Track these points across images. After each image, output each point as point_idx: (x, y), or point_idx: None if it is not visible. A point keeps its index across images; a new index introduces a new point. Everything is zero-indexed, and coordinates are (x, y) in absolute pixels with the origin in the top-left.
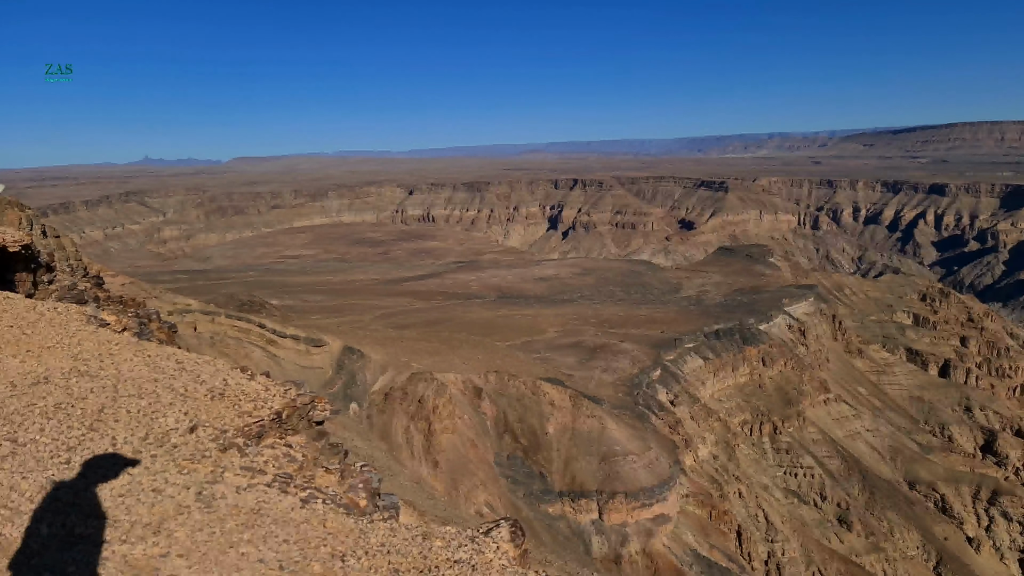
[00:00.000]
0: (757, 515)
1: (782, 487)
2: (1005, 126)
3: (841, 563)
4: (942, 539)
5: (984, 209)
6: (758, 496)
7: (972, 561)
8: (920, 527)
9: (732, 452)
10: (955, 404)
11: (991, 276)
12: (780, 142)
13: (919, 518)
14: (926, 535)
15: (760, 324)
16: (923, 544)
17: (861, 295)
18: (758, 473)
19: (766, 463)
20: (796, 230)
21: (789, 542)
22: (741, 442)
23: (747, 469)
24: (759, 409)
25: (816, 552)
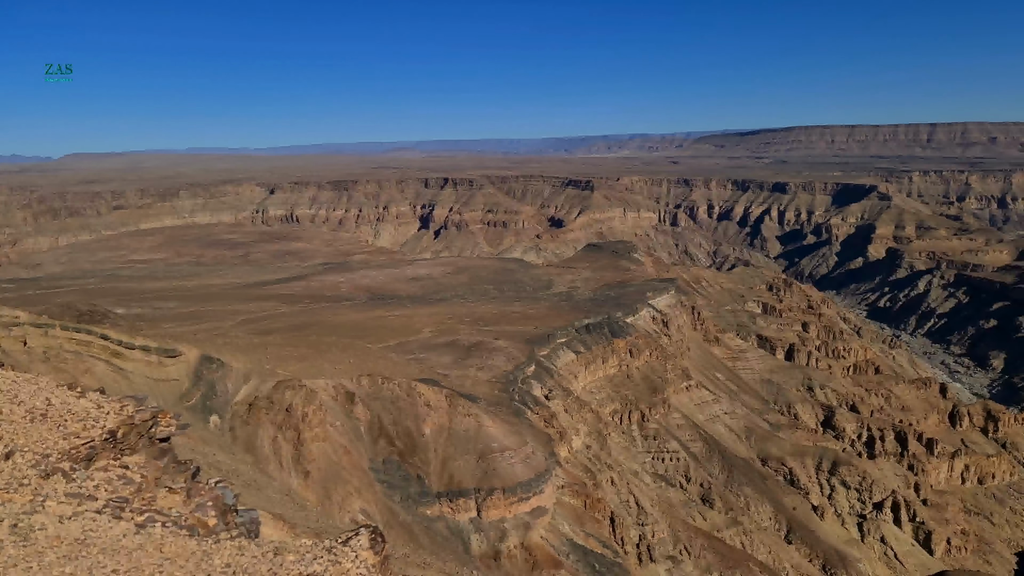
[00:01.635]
0: (629, 500)
1: (651, 472)
2: (835, 130)
3: (705, 539)
4: (791, 509)
5: (819, 205)
6: (629, 482)
7: (817, 527)
8: (772, 500)
9: (604, 441)
10: (799, 384)
11: (826, 266)
12: (641, 142)
13: (771, 491)
14: (777, 506)
15: (627, 317)
16: (775, 515)
17: (717, 287)
18: (628, 460)
19: (635, 450)
20: (657, 227)
21: (658, 524)
22: (612, 431)
23: (618, 457)
24: (628, 398)
25: (682, 531)
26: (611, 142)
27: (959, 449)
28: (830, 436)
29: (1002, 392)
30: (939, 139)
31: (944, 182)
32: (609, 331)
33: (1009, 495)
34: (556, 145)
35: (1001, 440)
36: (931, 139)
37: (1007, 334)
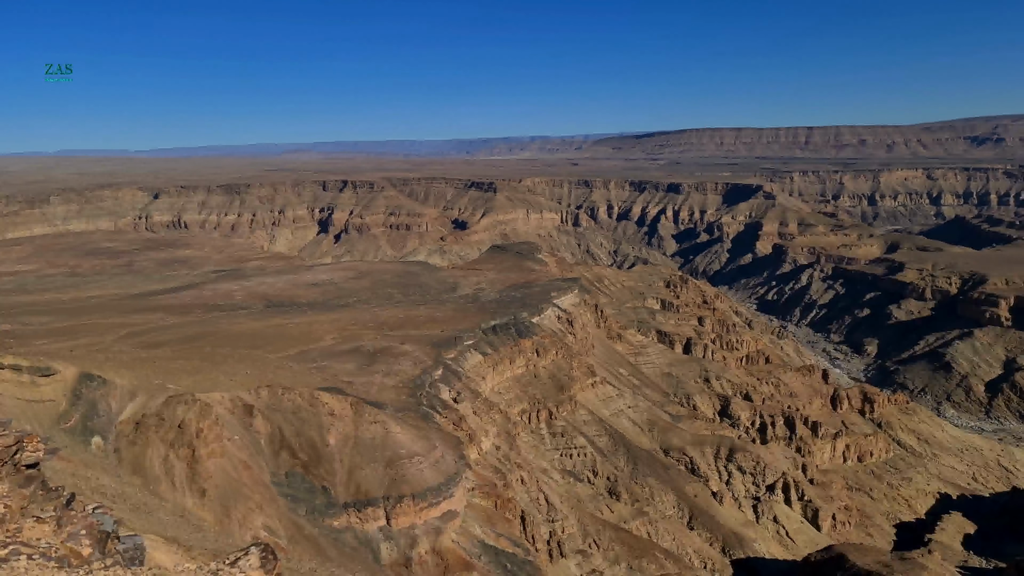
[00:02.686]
0: (538, 498)
1: (559, 468)
2: (723, 132)
3: (612, 531)
4: (693, 496)
5: (711, 205)
6: (539, 480)
7: (717, 512)
8: (675, 488)
9: (513, 441)
10: (697, 376)
11: (719, 263)
12: (542, 144)
13: (674, 480)
14: (680, 495)
15: (533, 317)
16: (678, 503)
17: (618, 285)
18: (538, 458)
19: (544, 448)
20: (560, 227)
21: (567, 519)
22: (521, 430)
23: (528, 455)
24: (536, 397)
25: (591, 524)
26: (512, 144)
27: (840, 430)
28: (727, 424)
29: (876, 375)
30: (816, 141)
31: (821, 181)
32: (516, 331)
33: (886, 471)
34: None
35: (877, 420)
36: (808, 141)
37: (879, 322)
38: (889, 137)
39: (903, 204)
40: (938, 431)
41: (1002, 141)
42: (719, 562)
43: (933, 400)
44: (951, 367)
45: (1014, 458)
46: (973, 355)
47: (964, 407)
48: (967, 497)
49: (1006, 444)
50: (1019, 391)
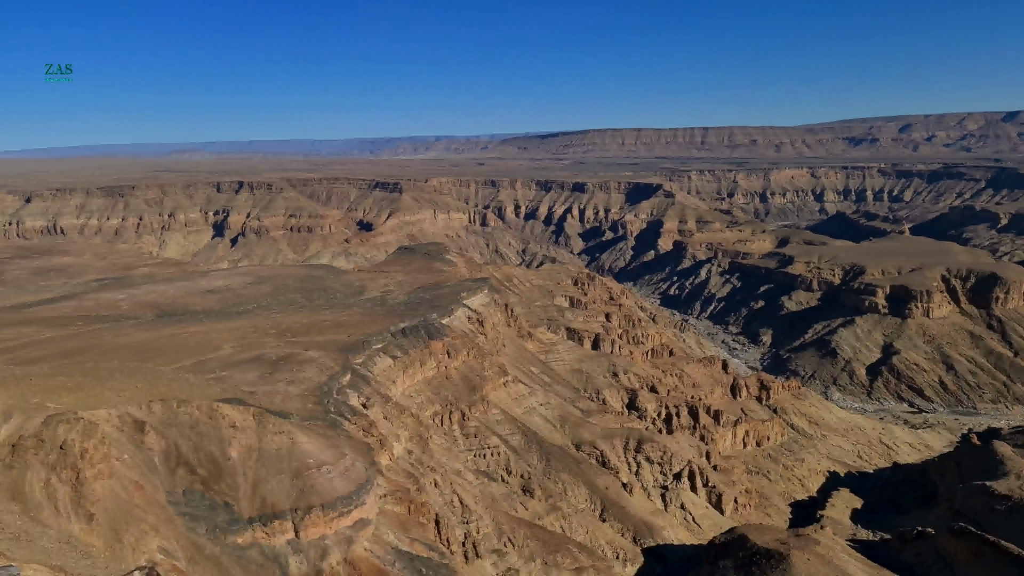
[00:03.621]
0: (453, 500)
1: (473, 469)
2: (625, 133)
3: (527, 528)
4: (604, 489)
5: (614, 203)
6: (453, 482)
7: (628, 503)
8: (587, 482)
9: (426, 444)
10: (606, 371)
11: (623, 260)
12: (447, 144)
13: (585, 474)
14: (592, 488)
15: (443, 318)
16: (590, 496)
17: (527, 284)
18: (451, 460)
19: (458, 449)
20: (468, 227)
21: (482, 519)
22: (434, 433)
23: (441, 458)
24: (448, 399)
25: (506, 523)
26: (417, 143)
27: (740, 417)
28: (635, 417)
29: (771, 363)
30: (711, 141)
31: (717, 180)
32: (426, 333)
33: (781, 454)
34: (360, 146)
35: (772, 406)
36: (704, 141)
37: (773, 312)
38: (777, 138)
39: (791, 201)
40: (827, 413)
41: (876, 141)
42: (630, 551)
43: (821, 384)
44: (836, 353)
45: (894, 436)
46: (855, 341)
47: (849, 390)
48: (854, 474)
49: (886, 423)
50: (896, 373)
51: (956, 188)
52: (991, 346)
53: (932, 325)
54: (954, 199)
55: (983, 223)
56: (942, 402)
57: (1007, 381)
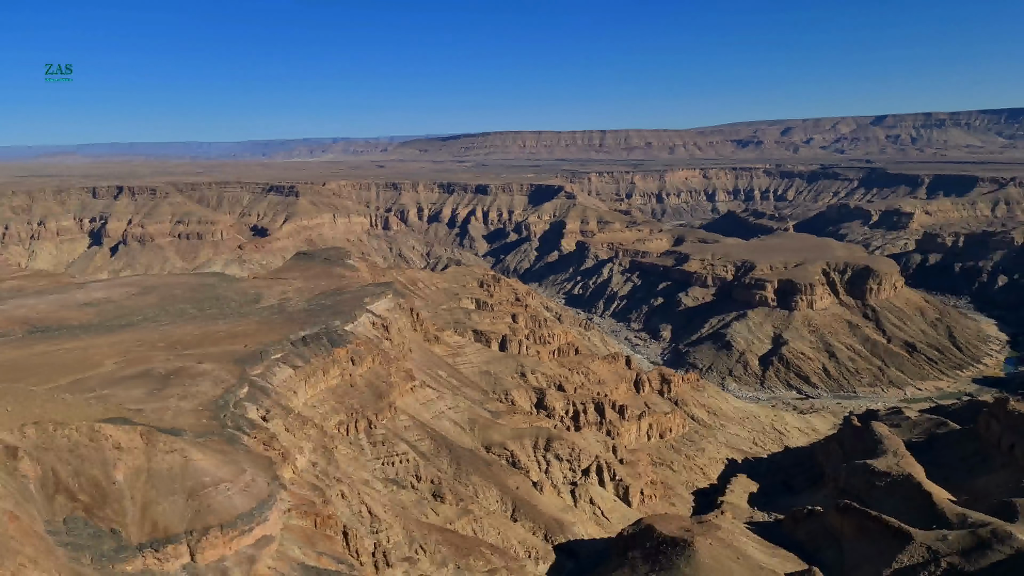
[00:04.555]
0: (361, 511)
1: (382, 477)
2: (525, 135)
3: (439, 533)
4: (515, 489)
5: (517, 205)
6: (360, 492)
7: (539, 501)
8: (498, 483)
9: (331, 455)
10: (513, 372)
11: (528, 261)
12: (345, 146)
13: (496, 476)
14: (503, 489)
15: (346, 325)
16: (502, 497)
17: (432, 287)
18: (358, 470)
19: (365, 458)
20: (369, 231)
21: (392, 528)
22: (339, 443)
23: (347, 468)
24: (353, 408)
25: (417, 530)
26: (313, 146)
27: (644, 411)
28: (543, 415)
29: (671, 358)
30: (608, 144)
31: (615, 181)
32: (328, 341)
33: (683, 444)
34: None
35: (674, 398)
36: (602, 144)
37: (672, 309)
38: (670, 140)
39: (685, 201)
40: (724, 404)
41: (761, 144)
42: (542, 549)
43: (718, 376)
44: (731, 345)
45: (784, 422)
46: (748, 333)
47: (743, 380)
48: (750, 460)
49: (778, 410)
50: (785, 363)
51: (833, 187)
52: (867, 334)
53: (815, 316)
54: (831, 198)
55: (857, 220)
56: (826, 388)
57: (882, 366)
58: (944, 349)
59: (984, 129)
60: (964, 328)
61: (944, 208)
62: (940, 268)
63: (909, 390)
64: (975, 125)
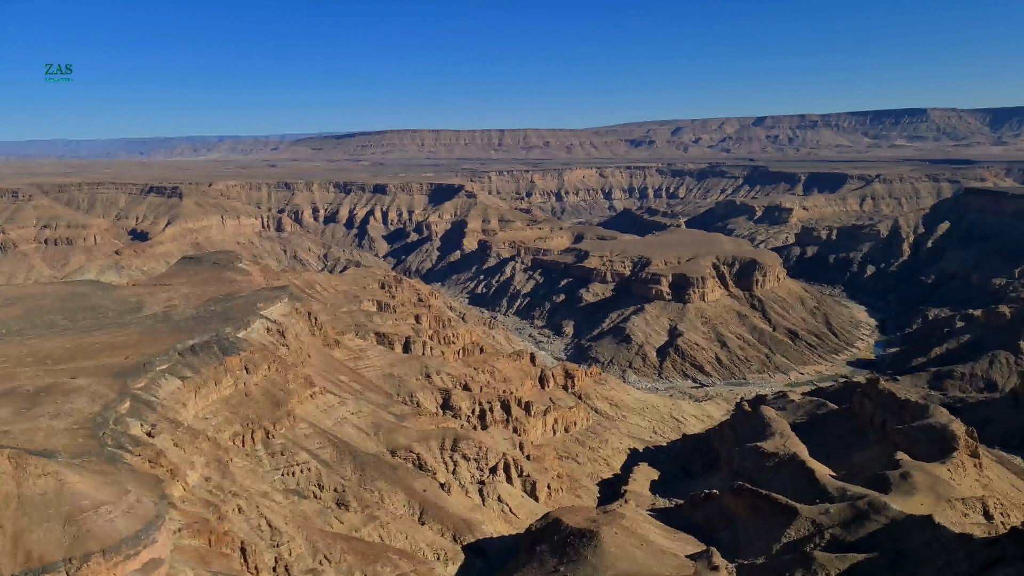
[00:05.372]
0: (260, 524)
1: (282, 489)
2: (424, 134)
3: (344, 542)
4: (422, 492)
5: (417, 205)
6: (259, 505)
7: (446, 503)
8: (404, 487)
9: (226, 469)
10: (418, 374)
11: (430, 261)
12: (232, 145)
13: (402, 480)
14: (410, 492)
15: (238, 332)
16: (408, 501)
17: (331, 289)
18: (256, 482)
19: (263, 470)
20: (262, 233)
21: (294, 540)
22: (234, 456)
23: (244, 481)
24: (249, 418)
25: (320, 540)
26: (197, 144)
27: (549, 407)
28: (449, 416)
29: (574, 353)
30: (507, 143)
31: (515, 180)
32: (219, 349)
33: (588, 437)
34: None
35: (577, 393)
36: (501, 143)
37: (573, 305)
38: (567, 140)
39: (583, 199)
40: (625, 395)
41: (653, 143)
42: (451, 550)
43: (619, 369)
44: (630, 339)
45: (682, 410)
46: (645, 327)
47: (642, 372)
48: (651, 448)
49: (675, 399)
50: (681, 353)
51: (720, 185)
52: (754, 323)
53: (707, 308)
54: (719, 195)
55: (743, 215)
56: (719, 376)
57: (769, 353)
58: (822, 335)
59: (851, 130)
60: (839, 315)
61: (819, 204)
62: (817, 260)
63: (793, 375)
64: (843, 126)
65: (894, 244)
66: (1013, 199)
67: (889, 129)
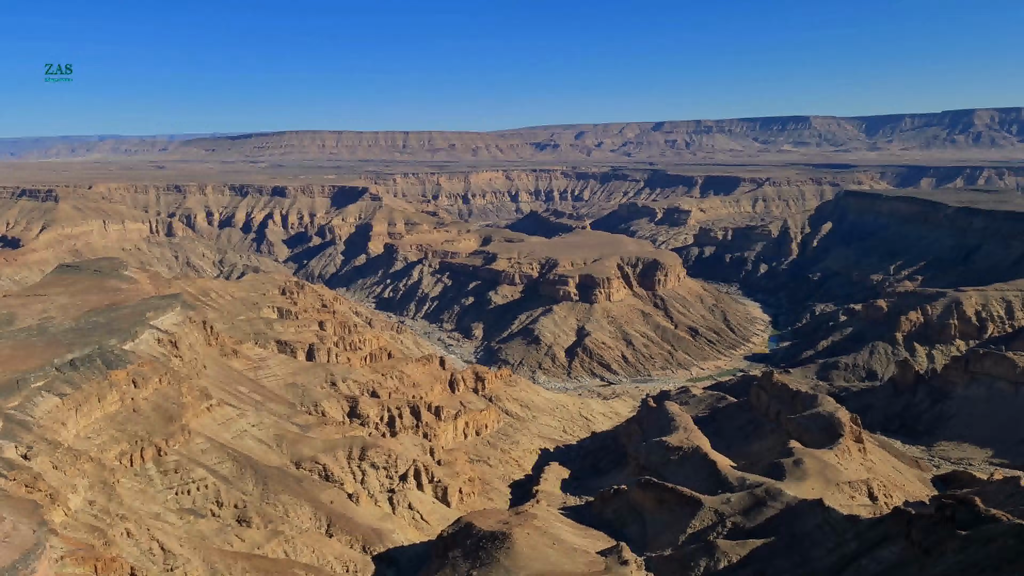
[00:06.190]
0: (152, 548)
1: (176, 509)
2: (325, 135)
3: (246, 561)
4: (329, 503)
5: (319, 208)
6: (150, 527)
7: (355, 513)
8: (310, 499)
9: (112, 491)
10: (323, 382)
11: (334, 265)
12: (115, 145)
13: (308, 492)
14: (316, 505)
15: (124, 344)
16: (315, 514)
17: (228, 297)
18: (147, 503)
19: (154, 490)
20: (150, 238)
21: (190, 562)
22: (122, 476)
23: (133, 503)
24: (138, 435)
25: (220, 560)
26: (75, 144)
27: (460, 410)
28: (357, 424)
29: (484, 355)
30: (412, 145)
31: (421, 183)
32: (103, 363)
33: (499, 439)
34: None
35: (488, 395)
36: (406, 145)
37: (482, 307)
38: (473, 142)
39: (490, 202)
40: (535, 396)
41: (558, 147)
42: (361, 562)
43: (529, 370)
44: (539, 340)
45: (590, 408)
46: (554, 327)
47: (552, 372)
48: (561, 448)
49: (584, 398)
50: (589, 353)
51: (622, 188)
52: (658, 321)
53: (613, 308)
54: (622, 197)
55: (644, 217)
56: (625, 373)
57: (671, 350)
58: (721, 332)
59: (743, 135)
60: (736, 312)
61: (715, 206)
62: (714, 259)
63: (694, 370)
64: (736, 132)
65: (784, 244)
66: (887, 200)
67: (776, 135)
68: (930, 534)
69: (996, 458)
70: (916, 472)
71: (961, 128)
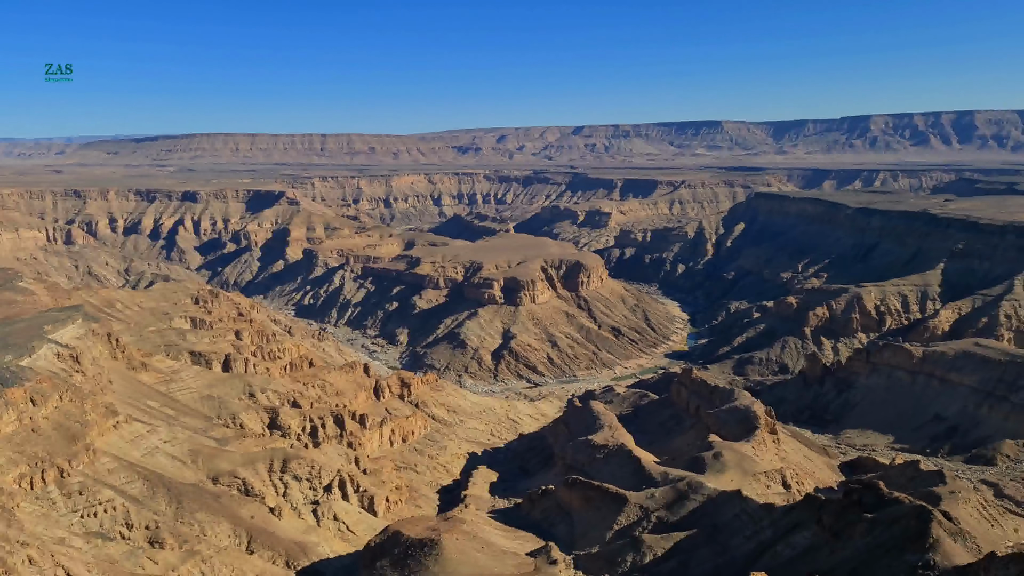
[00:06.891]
0: (56, 574)
1: (82, 533)
2: (238, 138)
3: None
4: (249, 519)
5: (234, 213)
6: (54, 553)
7: (277, 527)
8: (229, 516)
9: (12, 516)
10: (241, 393)
11: (250, 272)
12: (6, 148)
13: (227, 508)
14: (235, 521)
15: (21, 360)
16: (234, 530)
17: (135, 307)
18: (50, 528)
19: (57, 514)
20: (47, 247)
21: None
22: (22, 500)
23: (35, 528)
24: (38, 456)
25: None
26: None
27: (385, 418)
28: (278, 436)
29: (410, 361)
30: (330, 148)
31: (341, 187)
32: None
33: (426, 445)
34: None
35: (414, 401)
36: (324, 148)
37: (407, 312)
38: (393, 146)
39: (413, 206)
40: (462, 400)
41: (480, 150)
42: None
43: (455, 374)
44: (465, 343)
45: (517, 411)
46: (480, 331)
47: (478, 375)
48: (489, 451)
49: (511, 400)
50: (515, 355)
51: (544, 191)
52: (582, 322)
53: (538, 309)
54: (544, 200)
55: (567, 219)
56: (551, 375)
57: (595, 350)
58: (642, 331)
59: (659, 139)
60: (656, 311)
61: (634, 208)
62: (634, 260)
63: (618, 369)
64: (652, 136)
65: (699, 244)
66: (795, 202)
67: (691, 139)
68: (839, 518)
69: (897, 443)
70: (825, 460)
71: (859, 133)
